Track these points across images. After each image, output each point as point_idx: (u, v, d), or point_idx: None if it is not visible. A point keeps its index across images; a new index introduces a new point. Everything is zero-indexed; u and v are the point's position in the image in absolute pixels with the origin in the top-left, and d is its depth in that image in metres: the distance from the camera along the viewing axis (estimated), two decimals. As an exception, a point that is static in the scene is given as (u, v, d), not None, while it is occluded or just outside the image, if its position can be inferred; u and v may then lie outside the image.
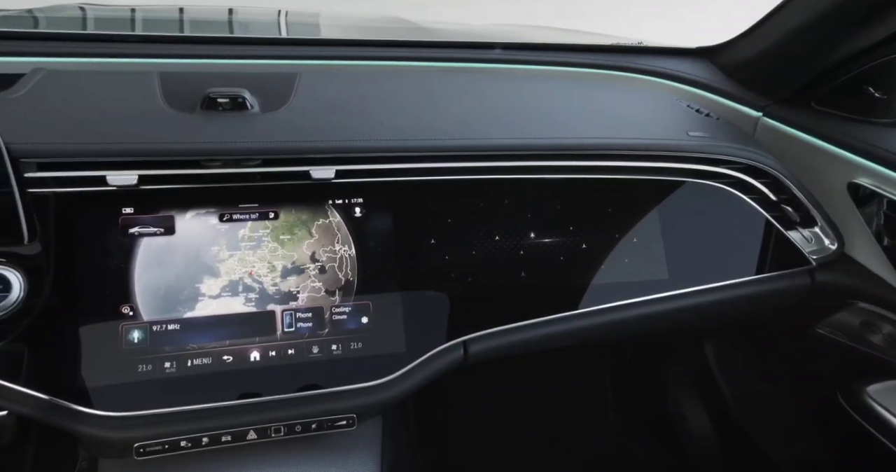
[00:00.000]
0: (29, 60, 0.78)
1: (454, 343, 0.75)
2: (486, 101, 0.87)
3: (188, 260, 0.72)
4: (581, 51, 0.96)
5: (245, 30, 1.39)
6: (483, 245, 0.80)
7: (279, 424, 0.69)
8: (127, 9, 1.28)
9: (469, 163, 0.79)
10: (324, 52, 0.92)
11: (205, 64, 0.87)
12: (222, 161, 0.73)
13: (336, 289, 0.75)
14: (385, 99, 0.84)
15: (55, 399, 0.63)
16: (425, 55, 0.92)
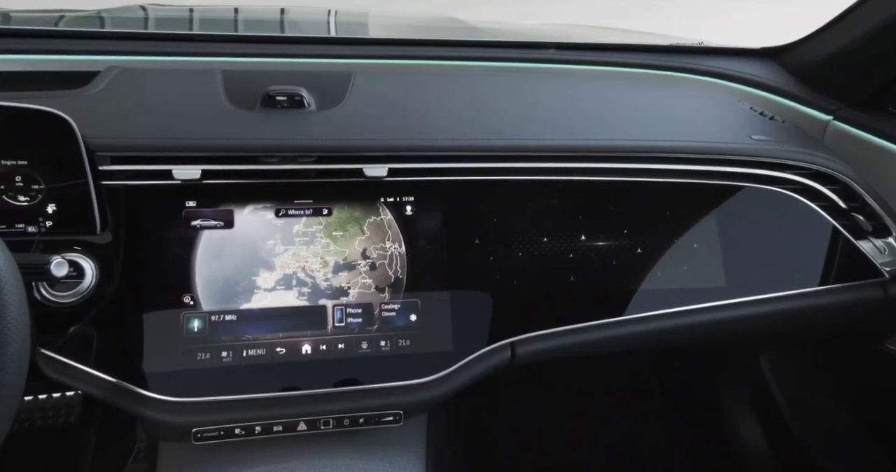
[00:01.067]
0: (104, 59, 0.83)
1: (501, 344, 0.74)
2: (539, 101, 0.86)
3: (245, 253, 0.74)
4: (637, 51, 0.94)
5: (296, 29, 1.43)
6: (532, 247, 0.80)
7: (328, 416, 0.70)
8: (187, 9, 1.33)
9: (521, 163, 0.79)
10: (378, 52, 0.93)
11: (264, 62, 0.89)
12: (280, 157, 0.75)
13: (386, 286, 0.76)
14: (438, 98, 0.84)
15: (121, 382, 0.66)
16: (478, 55, 0.92)
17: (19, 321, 0.50)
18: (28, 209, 0.67)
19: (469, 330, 0.74)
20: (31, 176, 0.66)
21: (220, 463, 0.71)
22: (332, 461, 0.72)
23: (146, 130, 0.72)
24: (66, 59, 0.82)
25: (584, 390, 1.18)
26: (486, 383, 0.75)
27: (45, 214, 0.68)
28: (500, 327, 0.75)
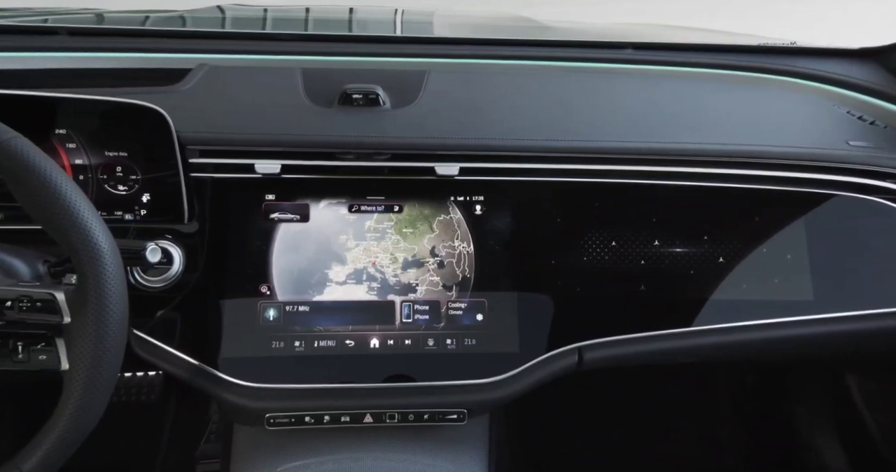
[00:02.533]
0: (193, 57, 0.87)
1: (569, 348, 0.73)
2: (617, 102, 0.84)
3: (319, 247, 0.76)
4: (722, 51, 0.90)
5: (363, 28, 1.46)
6: (602, 251, 0.78)
7: (393, 411, 0.71)
8: (262, 9, 1.39)
9: (597, 166, 0.77)
10: (452, 51, 0.94)
11: (342, 61, 0.91)
12: (355, 154, 0.77)
13: (453, 284, 0.77)
14: (512, 98, 0.84)
15: (203, 365, 0.70)
16: (552, 55, 0.91)
17: (120, 301, 0.54)
18: (126, 198, 0.71)
19: (536, 332, 0.74)
20: (129, 167, 0.71)
21: (290, 449, 0.73)
22: (396, 455, 0.73)
23: (232, 125, 0.76)
24: (159, 56, 0.87)
25: (650, 401, 1.14)
26: (550, 387, 0.74)
27: (141, 203, 0.72)
28: (568, 331, 0.74)
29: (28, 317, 0.54)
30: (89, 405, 0.52)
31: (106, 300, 0.53)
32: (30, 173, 0.52)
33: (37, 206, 0.53)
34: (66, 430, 0.51)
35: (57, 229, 0.53)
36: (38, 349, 0.55)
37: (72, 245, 0.53)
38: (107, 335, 0.53)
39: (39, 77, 0.82)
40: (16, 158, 0.52)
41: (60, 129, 0.68)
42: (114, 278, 0.54)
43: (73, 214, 0.53)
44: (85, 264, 0.53)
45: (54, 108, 0.68)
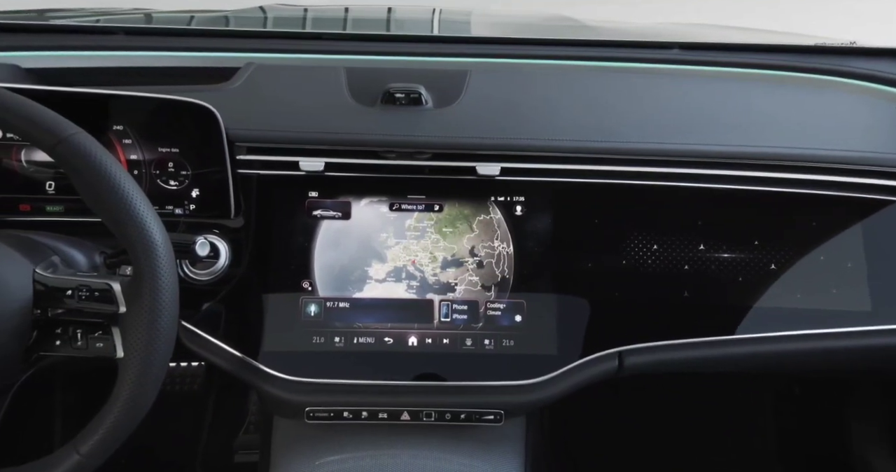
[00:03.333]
0: (242, 56, 0.89)
1: (609, 353, 0.72)
2: (662, 103, 0.82)
3: (360, 244, 0.77)
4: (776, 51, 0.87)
5: (401, 27, 1.47)
6: (645, 254, 0.76)
7: (430, 409, 0.72)
8: (302, 9, 1.41)
9: (640, 167, 0.76)
10: (494, 51, 0.93)
11: (385, 60, 0.92)
12: (397, 153, 0.78)
13: (492, 285, 0.77)
14: (554, 98, 0.83)
15: (246, 358, 0.71)
16: (596, 54, 0.89)
17: (172, 293, 0.56)
18: (176, 193, 0.74)
19: (575, 335, 0.73)
20: (181, 162, 0.73)
21: (328, 443, 0.74)
22: (432, 453, 0.73)
23: (278, 123, 0.77)
24: (209, 55, 0.89)
25: (692, 408, 1.11)
26: (589, 389, 0.74)
27: (190, 198, 0.74)
28: (608, 335, 0.73)
29: (86, 306, 0.57)
30: (142, 392, 0.54)
31: (159, 292, 0.55)
32: (91, 168, 0.54)
33: (97, 199, 0.55)
34: (121, 415, 0.53)
35: (115, 222, 0.55)
36: (95, 337, 0.57)
37: (128, 238, 0.55)
38: (159, 325, 0.55)
39: (98, 75, 0.85)
40: (79, 153, 0.54)
41: (117, 125, 0.71)
42: (167, 270, 0.56)
43: (131, 209, 0.55)
44: (140, 257, 0.55)
45: (112, 104, 0.70)
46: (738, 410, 1.14)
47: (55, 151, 0.54)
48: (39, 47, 0.87)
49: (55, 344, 0.57)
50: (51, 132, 0.53)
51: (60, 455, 0.52)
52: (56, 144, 0.53)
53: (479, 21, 1.45)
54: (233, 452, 0.98)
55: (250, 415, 1.02)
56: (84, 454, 0.52)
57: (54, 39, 0.89)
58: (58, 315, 0.57)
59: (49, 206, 0.71)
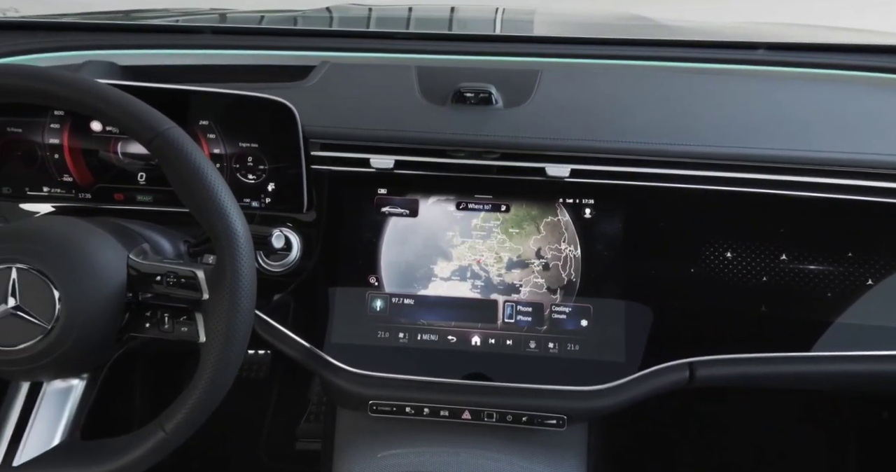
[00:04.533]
0: (318, 54, 0.91)
1: (680, 363, 0.70)
2: (747, 106, 0.78)
3: (426, 242, 0.78)
4: (873, 52, 0.82)
5: (463, 27, 1.47)
6: (721, 264, 0.74)
7: (492, 410, 0.72)
8: (367, 8, 1.44)
9: (719, 172, 0.73)
10: (566, 51, 0.92)
11: (455, 60, 0.93)
12: (466, 152, 0.78)
13: (558, 288, 0.76)
14: (628, 99, 0.81)
15: (313, 348, 0.74)
16: (675, 55, 0.87)
17: (251, 282, 0.58)
18: (253, 186, 0.76)
19: (644, 343, 0.71)
20: (259, 157, 0.76)
21: (390, 436, 0.76)
22: (492, 454, 0.73)
23: (351, 120, 0.79)
24: (288, 54, 0.92)
25: (765, 425, 1.05)
26: (657, 398, 0.71)
27: (266, 192, 0.77)
28: (679, 345, 0.71)
29: (173, 292, 0.59)
30: (222, 375, 0.56)
31: (239, 281, 0.57)
32: (183, 161, 0.57)
33: (186, 191, 0.58)
34: (203, 396, 0.56)
35: (202, 213, 0.58)
36: (180, 321, 0.60)
37: (213, 228, 0.57)
38: (239, 313, 0.57)
39: (185, 72, 0.89)
40: (173, 146, 0.57)
41: (203, 120, 0.74)
42: (247, 261, 0.58)
43: (217, 201, 0.57)
44: (223, 247, 0.57)
45: (199, 100, 0.74)
46: (817, 432, 1.07)
47: (152, 145, 0.57)
48: (132, 46, 0.92)
49: (145, 326, 0.60)
50: (149, 126, 0.57)
51: (147, 432, 0.56)
52: (153, 138, 0.56)
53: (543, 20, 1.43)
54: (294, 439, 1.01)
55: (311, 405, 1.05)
56: (169, 431, 0.55)
57: (146, 38, 0.94)
58: (147, 299, 0.60)
59: (140, 195, 0.76)
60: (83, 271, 0.55)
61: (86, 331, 0.55)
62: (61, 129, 0.73)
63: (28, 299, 0.53)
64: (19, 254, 0.54)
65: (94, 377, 0.60)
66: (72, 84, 0.55)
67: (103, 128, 0.74)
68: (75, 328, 0.54)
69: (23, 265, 0.54)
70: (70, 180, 0.75)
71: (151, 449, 0.54)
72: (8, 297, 0.53)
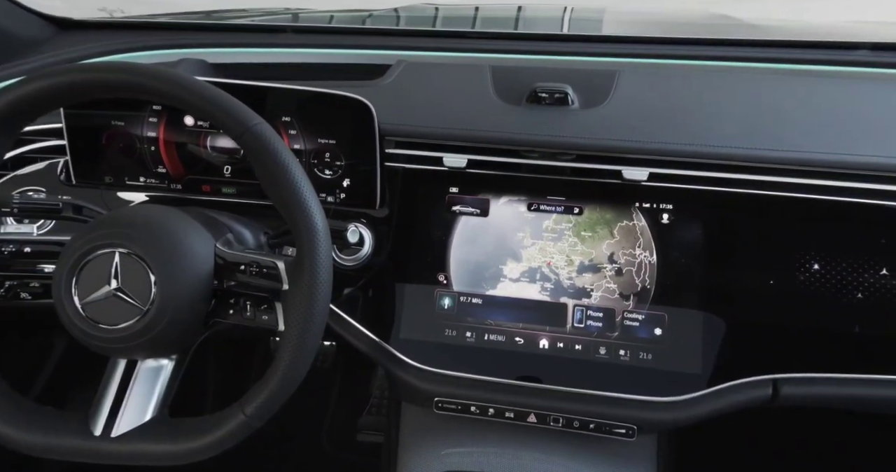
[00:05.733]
0: (391, 53, 0.93)
1: (762, 379, 0.67)
2: (847, 109, 0.74)
3: (496, 242, 0.77)
4: None
5: (530, 26, 1.45)
6: (809, 276, 0.69)
7: (558, 415, 0.70)
8: (433, 7, 1.44)
9: (810, 180, 0.69)
10: (645, 51, 0.90)
11: (530, 59, 0.92)
12: (540, 153, 0.77)
13: (631, 294, 0.74)
14: (713, 102, 0.78)
15: (381, 342, 0.75)
16: (764, 56, 0.82)
17: (328, 275, 0.59)
18: (329, 182, 0.79)
19: (723, 355, 0.68)
20: (336, 153, 0.78)
21: (454, 434, 0.76)
22: (557, 460, 0.72)
23: (426, 119, 0.80)
24: (364, 53, 0.94)
25: (852, 450, 0.98)
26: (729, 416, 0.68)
27: (341, 187, 0.79)
28: (761, 360, 0.67)
29: (255, 281, 0.62)
30: (299, 363, 0.58)
31: (318, 273, 0.59)
32: (270, 156, 0.59)
33: (272, 184, 0.60)
34: (281, 382, 0.58)
35: (284, 206, 0.60)
36: (261, 310, 0.62)
37: (295, 223, 0.59)
38: (316, 304, 0.59)
39: (268, 69, 0.93)
40: (261, 141, 0.59)
41: (286, 116, 0.77)
42: (325, 254, 0.59)
43: (300, 194, 0.59)
44: (304, 241, 0.59)
45: (282, 97, 0.76)
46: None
47: (242, 139, 0.59)
48: (219, 44, 0.97)
49: (229, 313, 0.63)
50: (240, 122, 0.59)
51: (228, 414, 0.58)
52: (243, 133, 0.59)
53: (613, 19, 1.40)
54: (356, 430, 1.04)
55: (373, 398, 1.07)
56: (249, 415, 0.57)
57: (232, 37, 0.98)
58: (231, 287, 0.63)
59: (225, 188, 0.79)
60: (177, 257, 0.59)
61: (177, 314, 0.58)
62: (158, 123, 0.78)
63: (128, 282, 0.57)
64: (122, 239, 0.58)
65: (182, 359, 0.63)
66: (173, 81, 0.58)
67: (195, 122, 0.78)
68: (168, 311, 0.57)
69: (124, 250, 0.57)
70: (163, 171, 0.79)
71: (232, 431, 0.57)
72: (111, 278, 0.57)
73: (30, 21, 0.92)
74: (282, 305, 0.61)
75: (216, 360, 1.14)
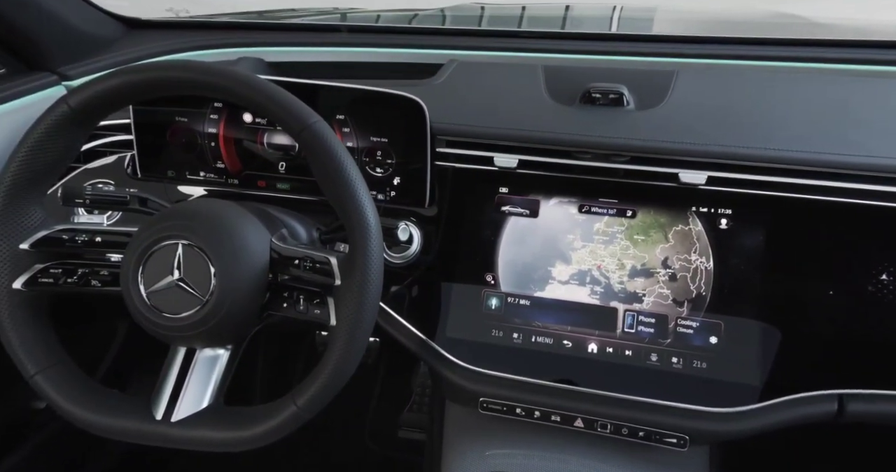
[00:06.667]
0: (445, 52, 0.93)
1: (827, 394, 0.64)
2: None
3: (545, 243, 0.77)
4: None
5: (577, 25, 1.43)
6: (881, 289, 0.66)
7: (607, 421, 0.69)
8: (479, 6, 1.44)
9: (883, 186, 0.66)
10: (704, 51, 0.87)
11: (581, 59, 0.90)
12: (593, 154, 0.76)
13: (685, 300, 0.71)
14: (777, 103, 0.75)
15: (427, 340, 0.75)
16: (835, 56, 0.79)
17: (380, 271, 0.60)
18: (380, 180, 0.79)
19: (783, 367, 0.65)
20: (388, 152, 0.78)
21: (499, 435, 0.76)
22: (604, 467, 0.71)
23: (477, 118, 0.79)
24: (416, 52, 0.95)
25: None
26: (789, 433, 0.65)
27: (392, 186, 0.79)
28: (826, 374, 0.64)
29: (308, 275, 0.63)
30: (350, 356, 0.59)
31: (369, 270, 0.59)
32: (327, 153, 0.60)
33: (328, 181, 0.61)
34: (331, 376, 0.59)
35: (339, 202, 0.61)
36: (314, 304, 0.63)
37: (349, 219, 0.60)
38: (367, 300, 0.59)
39: (323, 68, 0.95)
40: (319, 138, 0.60)
41: (340, 114, 0.78)
42: (377, 250, 0.60)
43: (354, 192, 0.60)
44: (357, 237, 0.60)
45: (337, 95, 0.78)
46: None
47: (300, 136, 0.61)
48: (274, 43, 0.99)
49: (282, 306, 0.64)
50: (299, 119, 0.60)
51: (280, 405, 0.59)
52: (302, 130, 0.60)
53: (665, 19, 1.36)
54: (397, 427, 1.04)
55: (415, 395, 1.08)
56: (300, 406, 0.58)
57: (287, 36, 1.00)
58: (285, 281, 0.64)
59: (279, 183, 0.81)
60: (235, 250, 0.60)
61: (235, 306, 0.59)
62: (219, 119, 0.80)
63: (189, 273, 0.59)
64: (185, 231, 0.60)
65: (237, 349, 0.64)
66: (237, 78, 0.60)
67: (253, 119, 0.80)
68: (226, 303, 0.59)
69: (187, 242, 0.59)
70: (222, 167, 0.82)
71: (284, 421, 0.58)
72: (174, 269, 0.59)
73: (103, 21, 0.97)
74: (333, 300, 0.62)
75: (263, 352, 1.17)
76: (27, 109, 0.87)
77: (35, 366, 0.62)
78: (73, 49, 0.93)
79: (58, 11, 0.88)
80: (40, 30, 0.88)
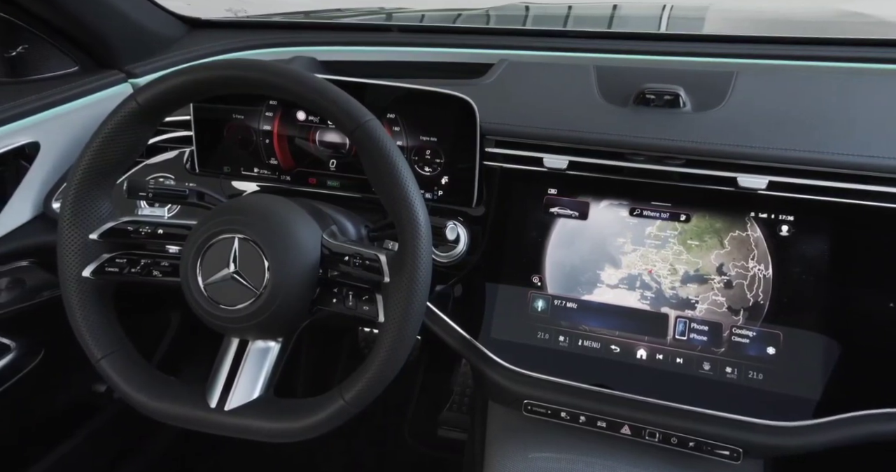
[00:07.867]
0: (494, 52, 0.93)
1: (893, 412, 0.61)
2: None
3: (594, 246, 0.75)
4: None
5: (624, 25, 1.40)
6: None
7: (655, 429, 0.68)
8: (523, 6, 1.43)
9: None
10: (764, 51, 0.84)
11: (635, 59, 0.89)
12: (646, 157, 0.74)
13: (741, 308, 0.69)
14: (838, 106, 0.72)
15: (472, 340, 0.75)
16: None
17: (428, 270, 0.60)
18: (429, 179, 0.80)
19: (847, 382, 0.63)
20: (437, 151, 0.79)
21: (542, 439, 0.75)
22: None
23: (528, 118, 0.79)
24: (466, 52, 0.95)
25: None
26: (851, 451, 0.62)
27: (440, 185, 0.80)
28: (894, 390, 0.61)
29: (357, 272, 0.63)
30: (397, 353, 0.60)
31: (418, 268, 0.60)
32: (379, 152, 0.60)
33: (379, 179, 0.61)
34: (379, 371, 0.59)
35: (390, 200, 0.61)
36: (363, 301, 0.64)
37: (399, 218, 0.60)
38: (415, 298, 0.60)
39: (374, 67, 0.96)
40: (371, 137, 0.61)
41: (391, 113, 0.79)
42: (426, 249, 0.60)
43: (406, 192, 0.60)
44: (407, 236, 0.60)
45: (388, 94, 0.78)
46: None
47: (354, 134, 0.61)
48: (325, 43, 1.01)
49: (332, 301, 0.65)
50: (353, 118, 0.61)
51: (328, 398, 0.60)
52: (355, 129, 0.61)
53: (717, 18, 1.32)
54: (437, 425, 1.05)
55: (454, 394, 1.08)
56: (348, 400, 0.59)
57: (337, 36, 1.02)
58: (335, 277, 0.65)
59: (330, 181, 0.82)
60: (288, 245, 0.61)
61: (287, 300, 0.60)
62: (273, 117, 0.82)
63: (245, 266, 0.60)
64: (241, 226, 0.61)
65: (287, 343, 0.66)
66: (293, 77, 0.61)
67: (306, 117, 0.81)
68: (279, 296, 0.60)
69: (242, 236, 0.61)
70: (275, 163, 0.84)
71: (332, 414, 0.59)
72: (230, 262, 0.60)
73: (167, 21, 1.01)
74: (382, 297, 0.62)
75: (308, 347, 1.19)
76: (97, 105, 0.91)
77: (101, 350, 0.64)
78: (139, 48, 0.97)
79: (127, 12, 0.92)
80: (111, 30, 0.92)
